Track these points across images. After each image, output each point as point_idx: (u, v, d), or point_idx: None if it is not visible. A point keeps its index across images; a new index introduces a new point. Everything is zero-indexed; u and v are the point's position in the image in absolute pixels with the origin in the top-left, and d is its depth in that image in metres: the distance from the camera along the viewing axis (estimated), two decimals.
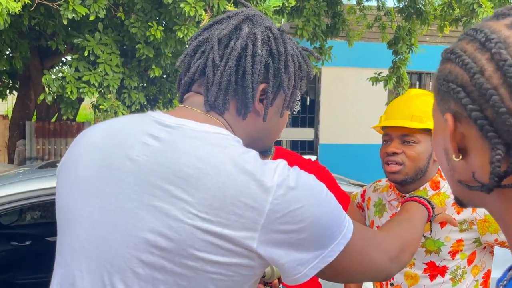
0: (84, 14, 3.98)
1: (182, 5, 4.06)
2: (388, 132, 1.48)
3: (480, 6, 4.82)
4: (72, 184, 0.80)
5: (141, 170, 0.73)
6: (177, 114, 0.81)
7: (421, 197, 1.12)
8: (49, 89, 4.57)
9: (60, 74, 4.56)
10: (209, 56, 0.81)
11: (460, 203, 0.61)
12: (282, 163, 0.74)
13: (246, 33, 0.81)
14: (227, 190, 0.69)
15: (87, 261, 0.76)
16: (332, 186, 1.69)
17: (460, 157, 0.54)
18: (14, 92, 6.96)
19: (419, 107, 1.45)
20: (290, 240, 0.71)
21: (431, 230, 1.31)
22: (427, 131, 1.43)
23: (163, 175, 0.71)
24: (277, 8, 6.08)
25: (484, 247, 1.46)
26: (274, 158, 0.85)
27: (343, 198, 1.71)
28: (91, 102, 4.98)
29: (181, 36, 4.36)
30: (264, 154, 1.58)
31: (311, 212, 0.72)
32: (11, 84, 6.86)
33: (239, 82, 0.80)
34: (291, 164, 0.77)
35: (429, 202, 1.11)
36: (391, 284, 1.53)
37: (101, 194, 0.76)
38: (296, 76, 0.87)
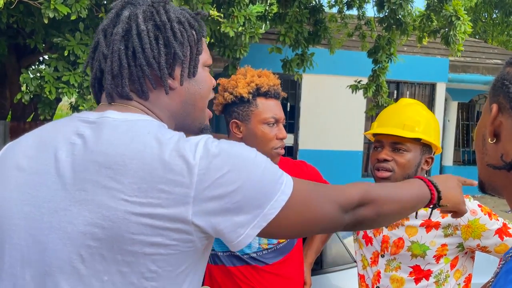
0: (66, 14, 3.91)
1: None
2: (380, 139, 1.52)
3: (458, 18, 4.96)
4: (3, 196, 0.81)
5: (70, 169, 0.76)
6: (100, 110, 0.84)
7: (432, 181, 1.05)
8: (26, 89, 4.46)
9: (39, 74, 4.46)
10: (99, 50, 0.84)
11: (482, 186, 0.75)
12: (204, 137, 0.77)
13: (127, 16, 0.83)
14: (154, 171, 0.71)
15: (30, 268, 0.77)
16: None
17: (494, 140, 0.69)
18: None
19: (410, 117, 1.49)
20: (225, 206, 0.73)
21: (430, 216, 1.28)
22: (417, 140, 1.47)
23: (91, 169, 0.74)
24: (260, 14, 6.12)
25: (466, 252, 1.50)
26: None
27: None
28: (70, 103, 4.89)
29: None
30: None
31: (239, 175, 0.74)
32: None
33: (132, 64, 0.82)
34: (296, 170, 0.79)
35: (436, 188, 1.03)
36: (377, 287, 1.56)
37: (34, 200, 0.77)
38: (190, 41, 0.87)
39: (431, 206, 1.05)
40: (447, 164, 10.02)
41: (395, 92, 9.01)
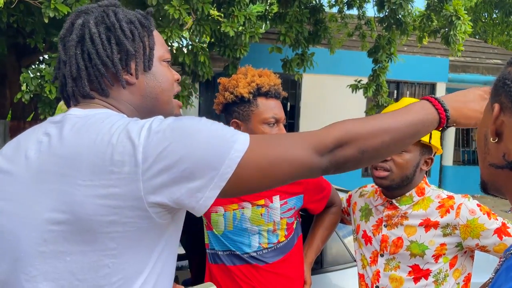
0: (66, 13, 3.92)
1: (166, 7, 4.04)
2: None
3: (459, 18, 4.97)
4: None
5: (36, 164, 0.84)
6: (67, 111, 0.92)
7: (439, 100, 0.96)
8: (26, 88, 4.47)
9: (39, 73, 4.46)
10: (60, 58, 0.93)
11: (484, 187, 0.75)
12: (152, 118, 0.82)
13: (80, 24, 0.91)
14: (103, 155, 0.77)
15: (5, 257, 0.85)
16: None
17: (496, 140, 0.69)
18: None
19: None
20: (174, 175, 0.77)
21: (430, 141, 1.17)
22: (417, 141, 1.47)
23: (53, 161, 0.81)
24: (260, 14, 6.12)
25: (465, 252, 1.50)
26: None
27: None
28: None
29: (165, 38, 4.34)
30: None
31: (182, 144, 0.77)
32: None
33: (88, 65, 0.90)
34: None
35: (444, 107, 0.95)
36: (377, 287, 1.56)
37: (8, 195, 0.86)
38: (141, 37, 0.93)
39: (440, 128, 0.97)
40: (447, 164, 10.02)
41: (395, 92, 9.01)
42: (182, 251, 2.32)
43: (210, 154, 0.78)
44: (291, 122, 8.35)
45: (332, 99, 8.31)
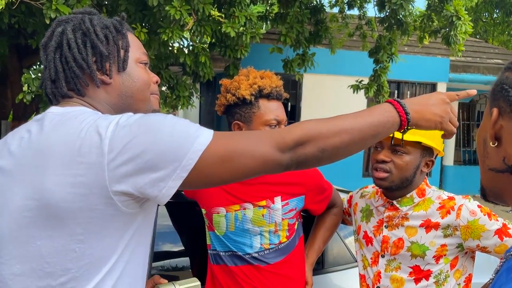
0: (67, 14, 3.93)
1: (167, 8, 4.05)
2: (380, 140, 1.53)
3: (459, 18, 4.96)
4: None
5: (17, 158, 0.91)
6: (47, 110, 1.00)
7: (400, 103, 0.99)
8: (28, 89, 4.47)
9: (40, 74, 4.48)
10: (42, 63, 1.01)
11: (484, 193, 0.75)
12: (121, 115, 0.88)
13: (60, 31, 0.99)
14: (73, 146, 0.84)
15: None
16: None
17: (496, 144, 0.70)
18: None
19: None
20: (138, 166, 0.82)
21: (402, 142, 1.20)
22: (417, 143, 1.48)
23: (29, 155, 0.89)
24: (261, 14, 6.13)
25: (466, 252, 1.51)
26: None
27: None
28: None
29: (165, 39, 4.35)
30: None
31: (146, 137, 0.83)
32: None
33: (65, 68, 0.97)
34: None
35: (405, 110, 0.98)
36: (378, 287, 1.57)
37: None
38: (115, 40, 1.01)
39: (401, 130, 1.00)
40: (448, 164, 10.02)
41: (396, 92, 9.01)
42: (182, 249, 2.33)
43: (173, 147, 0.83)
44: (292, 122, 8.32)
45: (333, 99, 8.32)
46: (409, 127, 1.00)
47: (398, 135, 1.10)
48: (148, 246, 0.99)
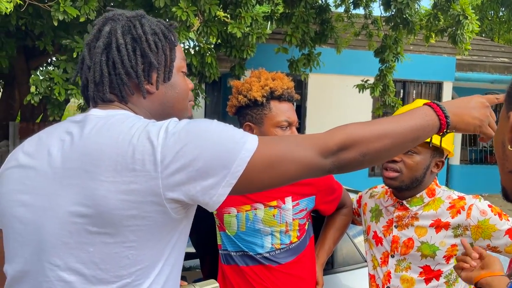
0: (75, 16, 3.95)
1: (174, 9, 4.06)
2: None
3: (466, 17, 4.95)
4: (7, 190, 0.95)
5: (59, 161, 0.89)
6: (86, 112, 0.97)
7: (440, 106, 0.98)
8: (36, 90, 4.50)
9: (48, 75, 4.50)
10: (85, 62, 0.97)
11: (506, 194, 0.75)
12: (168, 120, 0.87)
13: (107, 31, 0.95)
14: (125, 153, 0.82)
15: (28, 247, 0.90)
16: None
17: None
18: None
19: None
20: (190, 174, 0.82)
21: (440, 144, 1.22)
22: (427, 144, 1.48)
23: (75, 158, 0.87)
24: (266, 14, 6.13)
25: None
26: None
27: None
28: (78, 104, 4.93)
29: None
30: None
31: (196, 145, 0.82)
32: None
33: (112, 73, 0.95)
34: None
35: (445, 113, 0.97)
36: (388, 287, 1.57)
37: (30, 190, 0.91)
38: (164, 49, 0.98)
39: (440, 133, 1.00)
40: (454, 163, 9.98)
41: (402, 91, 8.98)
42: (192, 250, 2.34)
43: (222, 154, 0.83)
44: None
45: (338, 99, 8.30)
46: (448, 131, 1.00)
47: (435, 138, 1.09)
48: (185, 247, 0.99)
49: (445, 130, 1.00)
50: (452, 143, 1.56)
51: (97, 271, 0.85)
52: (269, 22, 6.05)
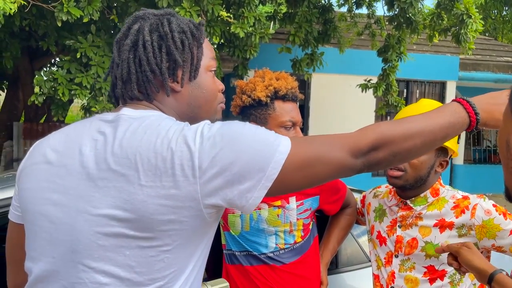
0: (78, 16, 3.96)
1: (177, 9, 4.07)
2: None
3: (470, 16, 4.93)
4: (33, 187, 0.93)
5: (93, 161, 0.87)
6: (116, 110, 0.96)
7: (470, 103, 0.96)
8: (40, 90, 4.52)
9: (52, 76, 4.52)
10: (114, 60, 0.98)
11: (509, 195, 0.73)
12: (202, 124, 0.87)
13: (136, 29, 0.95)
14: (165, 158, 0.82)
15: (57, 247, 0.88)
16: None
17: None
18: (0, 92, 6.86)
19: None
20: (227, 179, 0.82)
21: (469, 141, 1.21)
22: None
23: (111, 160, 0.85)
24: (269, 14, 6.13)
25: (481, 252, 1.50)
26: None
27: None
28: (82, 104, 4.95)
29: None
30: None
31: (231, 149, 0.82)
32: None
33: (138, 70, 0.94)
34: None
35: (475, 110, 0.95)
36: (392, 287, 1.57)
37: (61, 188, 0.89)
38: (191, 47, 0.97)
39: (469, 130, 0.98)
40: (458, 162, 9.95)
41: (405, 90, 8.96)
42: None
43: (257, 157, 0.83)
44: None
45: (341, 99, 8.30)
46: (478, 128, 0.98)
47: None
48: None
49: (474, 128, 0.98)
50: (456, 142, 1.55)
51: (132, 274, 0.85)
52: (272, 22, 6.06)
